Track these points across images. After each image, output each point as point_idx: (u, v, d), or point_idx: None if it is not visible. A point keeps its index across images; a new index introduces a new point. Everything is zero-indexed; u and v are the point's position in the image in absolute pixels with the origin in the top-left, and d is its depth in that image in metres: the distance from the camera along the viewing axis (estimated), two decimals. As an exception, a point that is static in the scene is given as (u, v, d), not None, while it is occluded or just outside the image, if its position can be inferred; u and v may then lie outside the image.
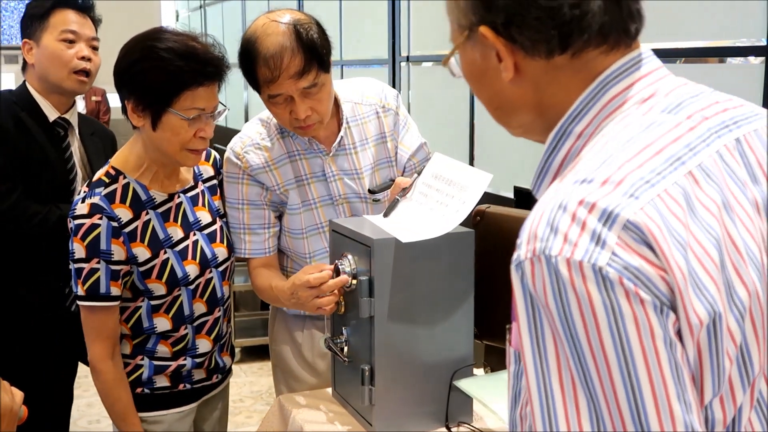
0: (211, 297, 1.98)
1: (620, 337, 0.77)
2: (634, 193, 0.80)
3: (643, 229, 0.78)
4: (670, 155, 0.85)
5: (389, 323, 1.67)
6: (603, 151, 0.87)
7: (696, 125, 0.90)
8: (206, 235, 1.98)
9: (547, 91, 0.95)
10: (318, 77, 1.85)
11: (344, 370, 1.82)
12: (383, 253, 1.64)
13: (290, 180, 2.03)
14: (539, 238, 0.81)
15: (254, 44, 1.84)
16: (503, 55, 0.93)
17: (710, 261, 0.81)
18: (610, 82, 0.93)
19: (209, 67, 1.80)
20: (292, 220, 2.05)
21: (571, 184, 0.83)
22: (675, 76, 0.97)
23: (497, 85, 0.97)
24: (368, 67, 4.11)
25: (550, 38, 0.90)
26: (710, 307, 0.79)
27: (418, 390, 1.72)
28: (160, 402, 1.98)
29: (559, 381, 0.80)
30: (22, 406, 1.44)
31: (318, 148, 2.02)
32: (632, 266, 0.77)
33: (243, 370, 4.73)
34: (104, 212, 1.82)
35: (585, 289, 0.77)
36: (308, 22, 1.87)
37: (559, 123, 0.95)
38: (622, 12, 0.92)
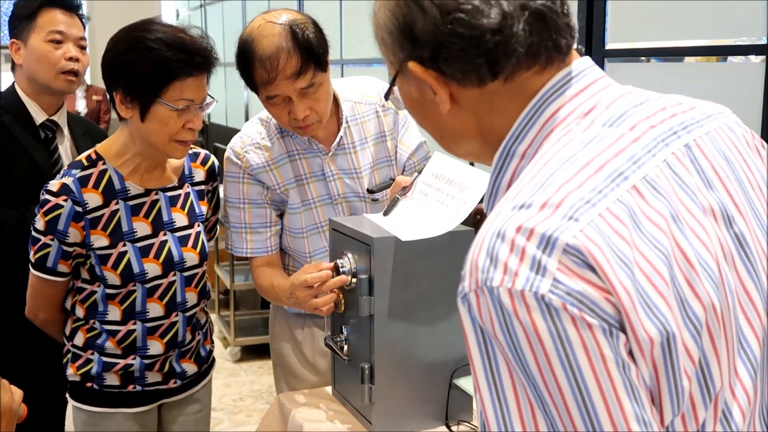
0: (170, 300, 1.96)
1: (570, 364, 0.75)
2: (573, 215, 0.77)
3: (583, 252, 0.75)
4: (611, 171, 0.82)
5: (389, 322, 1.67)
6: (542, 172, 0.84)
7: (640, 135, 0.87)
8: (178, 237, 1.96)
9: (486, 117, 0.94)
10: (315, 77, 1.85)
11: (344, 369, 1.82)
12: (383, 252, 1.64)
13: (290, 179, 2.02)
14: (480, 269, 0.79)
15: (250, 46, 1.84)
16: (436, 88, 0.93)
17: (659, 278, 0.78)
18: (547, 100, 0.91)
19: (197, 57, 1.80)
20: (293, 219, 2.05)
21: (509, 210, 0.81)
22: (619, 85, 0.95)
23: (437, 116, 0.97)
24: (369, 66, 4.10)
25: (478, 67, 0.89)
26: (661, 326, 0.77)
27: (418, 388, 1.72)
28: (109, 399, 1.98)
29: (517, 407, 0.78)
30: (21, 404, 1.44)
31: (317, 148, 2.02)
32: (575, 291, 0.75)
33: (243, 369, 4.73)
34: (71, 195, 1.84)
35: (529, 319, 0.75)
36: (304, 21, 1.87)
37: (502, 144, 0.94)
38: (550, 29, 0.90)
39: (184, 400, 2.11)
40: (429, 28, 0.90)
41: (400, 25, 0.93)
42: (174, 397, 2.07)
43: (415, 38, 0.91)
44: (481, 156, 1.01)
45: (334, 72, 3.72)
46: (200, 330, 2.09)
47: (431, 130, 1.02)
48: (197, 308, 2.04)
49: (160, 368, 2.00)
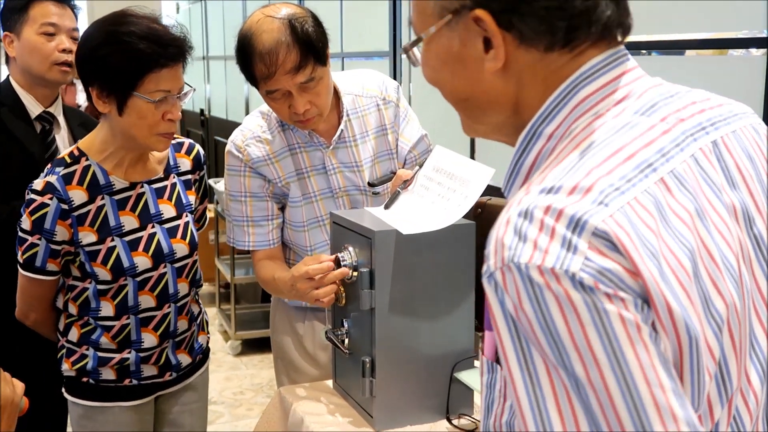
0: (162, 292, 1.96)
1: (608, 335, 0.73)
2: (604, 200, 0.76)
3: (612, 237, 0.74)
4: (641, 161, 0.80)
5: (390, 315, 1.67)
6: (571, 156, 0.82)
7: (670, 128, 0.85)
8: (166, 229, 1.96)
9: (528, 87, 0.89)
10: (315, 71, 1.85)
11: (345, 362, 1.82)
12: (384, 245, 1.64)
13: (291, 173, 2.02)
14: (507, 247, 0.76)
15: (250, 40, 1.84)
16: (497, 43, 0.86)
17: (683, 272, 0.77)
18: (585, 80, 0.87)
19: (171, 48, 1.79)
20: (294, 212, 2.05)
21: (536, 193, 0.78)
22: (649, 76, 0.93)
23: (474, 75, 0.90)
24: (369, 59, 4.10)
25: (556, 30, 0.84)
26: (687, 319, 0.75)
27: (419, 382, 1.72)
28: (105, 393, 1.98)
29: (552, 392, 0.76)
30: (23, 397, 1.44)
31: (318, 141, 2.02)
32: (606, 269, 0.73)
33: (244, 363, 4.74)
34: (56, 193, 1.84)
35: (563, 290, 0.73)
36: (303, 16, 1.87)
37: (529, 123, 0.89)
38: (620, 6, 0.88)
39: (180, 391, 2.11)
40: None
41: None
42: (169, 389, 2.08)
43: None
44: (500, 130, 0.96)
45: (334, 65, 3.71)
46: (195, 321, 2.09)
47: (459, 89, 0.94)
48: (188, 298, 2.04)
49: (155, 361, 2.00)
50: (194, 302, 2.11)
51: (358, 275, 1.69)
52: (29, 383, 1.57)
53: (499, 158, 2.94)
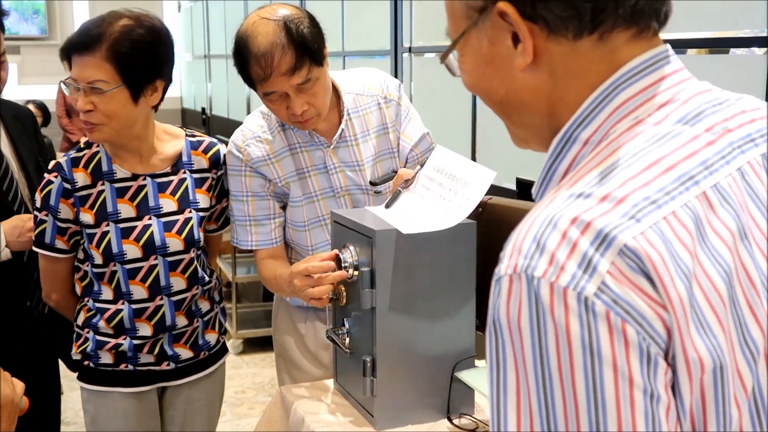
0: (154, 283, 1.98)
1: (594, 379, 0.68)
2: (636, 214, 0.71)
3: (641, 257, 0.69)
4: (681, 173, 0.75)
5: (391, 314, 1.67)
6: (606, 162, 0.77)
7: (716, 139, 0.80)
8: (163, 222, 1.99)
9: (561, 82, 0.84)
10: (311, 72, 1.85)
11: (346, 362, 1.82)
12: (385, 245, 1.64)
13: (291, 173, 2.02)
14: (523, 254, 0.72)
15: (245, 43, 1.85)
16: (524, 36, 0.81)
17: (717, 297, 0.72)
18: (626, 82, 0.82)
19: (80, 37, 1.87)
20: (294, 212, 2.05)
21: (566, 198, 0.74)
22: (696, 80, 0.87)
23: (506, 75, 0.86)
24: (370, 58, 4.09)
25: (583, 13, 0.79)
26: (714, 351, 0.71)
27: (419, 381, 1.72)
28: (105, 378, 2.04)
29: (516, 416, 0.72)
30: (23, 397, 1.44)
31: (319, 141, 2.02)
32: (622, 299, 0.68)
33: (245, 362, 4.74)
34: (61, 172, 1.95)
35: (564, 321, 0.69)
36: (299, 17, 1.86)
37: (565, 127, 0.84)
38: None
39: (186, 387, 2.12)
40: None
41: None
42: (173, 382, 2.09)
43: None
44: (537, 134, 0.90)
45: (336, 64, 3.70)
46: (199, 317, 2.09)
47: (493, 91, 0.90)
48: (188, 294, 2.04)
49: (150, 350, 2.02)
50: (204, 300, 2.11)
51: (358, 274, 1.68)
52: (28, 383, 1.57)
53: (499, 155, 2.95)
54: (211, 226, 2.14)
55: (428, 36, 3.53)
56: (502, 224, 1.86)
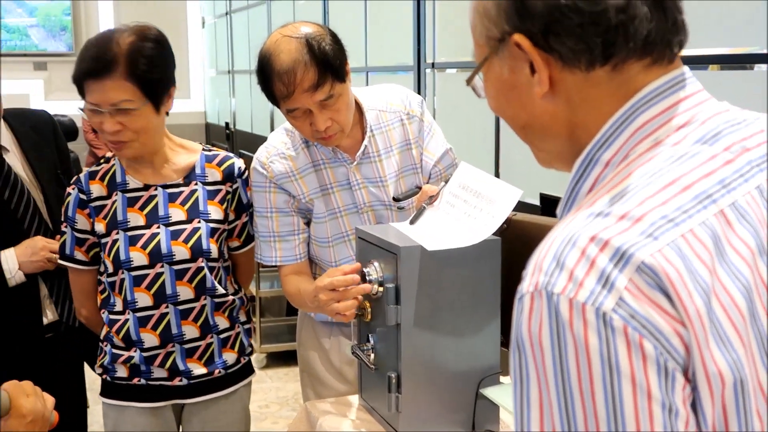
0: (159, 292, 2.00)
1: (613, 393, 0.70)
2: (654, 232, 0.73)
3: (659, 273, 0.71)
4: (699, 192, 0.77)
5: (416, 331, 1.67)
6: (625, 183, 0.79)
7: (734, 158, 0.82)
8: (171, 231, 2.01)
9: (580, 109, 0.87)
10: (334, 88, 1.86)
11: (371, 378, 1.83)
12: (410, 261, 1.64)
13: (315, 189, 2.04)
14: (543, 272, 0.75)
15: (268, 60, 1.87)
16: (539, 66, 0.85)
17: (737, 311, 0.74)
18: (644, 105, 0.85)
19: (97, 62, 1.86)
20: (318, 228, 2.06)
21: (585, 217, 0.76)
22: (716, 101, 0.89)
23: (527, 101, 0.89)
24: (393, 73, 4.12)
25: (593, 47, 0.83)
26: (734, 365, 0.73)
27: (444, 397, 1.72)
28: (120, 392, 2.07)
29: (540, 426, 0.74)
30: (53, 411, 1.46)
31: (342, 157, 2.03)
32: (640, 315, 0.70)
33: (269, 376, 4.75)
34: (78, 185, 2.03)
35: (583, 335, 0.71)
36: (321, 34, 1.88)
37: (586, 149, 0.87)
38: (668, 21, 0.84)
39: (202, 406, 2.10)
40: (544, 0, 0.83)
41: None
42: (189, 399, 2.09)
43: (526, 10, 0.84)
44: (561, 156, 0.93)
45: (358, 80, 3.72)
46: (215, 334, 2.08)
47: (515, 116, 0.94)
48: (196, 304, 2.03)
49: (162, 363, 2.03)
50: (221, 315, 2.09)
51: (383, 291, 1.69)
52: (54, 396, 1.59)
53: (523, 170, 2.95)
54: (233, 243, 2.14)
55: (451, 52, 3.55)
56: (527, 240, 1.86)
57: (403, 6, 3.85)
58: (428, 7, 3.65)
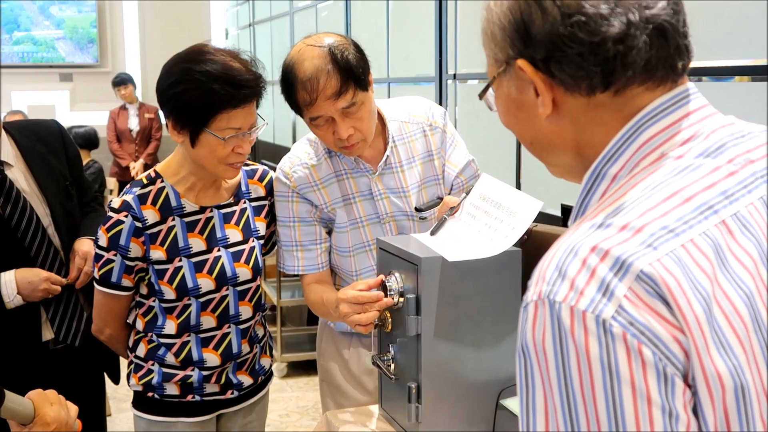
0: (223, 313, 2.01)
1: (614, 398, 0.73)
2: (653, 242, 0.75)
3: (657, 282, 0.73)
4: (700, 203, 0.80)
5: (436, 341, 1.67)
6: (627, 195, 0.82)
7: (738, 170, 0.84)
8: (231, 253, 2.01)
9: (586, 129, 0.90)
10: (356, 96, 1.88)
11: (391, 388, 1.83)
12: (430, 272, 1.65)
13: (337, 199, 2.05)
14: (546, 281, 0.78)
15: (292, 69, 1.90)
16: (541, 90, 0.89)
17: (738, 319, 0.75)
18: (648, 122, 0.87)
19: (244, 89, 1.85)
20: (340, 238, 2.08)
21: (588, 228, 0.79)
22: (721, 115, 0.91)
23: (533, 120, 0.93)
24: (415, 84, 4.13)
25: (593, 75, 0.86)
26: (734, 371, 0.74)
27: (464, 408, 1.72)
28: (169, 409, 2.05)
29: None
30: (77, 419, 1.48)
31: (364, 167, 2.04)
32: (638, 322, 0.73)
33: (289, 385, 4.76)
34: (131, 211, 1.93)
35: (584, 342, 0.73)
36: (344, 43, 1.91)
37: (594, 163, 0.90)
38: (670, 47, 0.87)
39: (241, 412, 2.16)
40: (547, 29, 0.87)
41: (515, 21, 0.90)
42: (231, 408, 2.12)
43: (529, 37, 0.88)
44: (570, 170, 0.97)
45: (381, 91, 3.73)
46: (258, 344, 2.13)
47: (523, 134, 0.98)
48: (252, 321, 2.08)
49: (217, 380, 2.05)
50: (260, 325, 2.15)
51: (404, 301, 1.70)
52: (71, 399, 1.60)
53: (544, 181, 2.94)
54: None
55: (473, 63, 3.55)
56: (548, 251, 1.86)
57: (425, 17, 3.86)
58: (450, 18, 3.66)
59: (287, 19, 6.41)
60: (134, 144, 7.79)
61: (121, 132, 7.79)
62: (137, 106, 7.88)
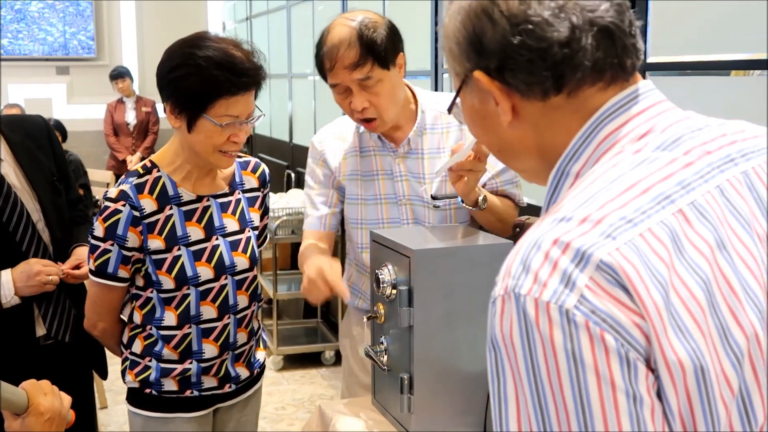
0: (223, 303, 2.02)
1: (579, 384, 0.75)
2: (612, 233, 0.78)
3: (617, 270, 0.76)
4: (658, 194, 0.82)
5: (428, 333, 1.69)
6: (587, 190, 0.84)
7: (694, 161, 0.87)
8: (229, 242, 2.03)
9: (546, 132, 0.94)
10: (373, 71, 1.95)
11: (384, 379, 1.84)
12: (423, 264, 1.66)
13: (353, 172, 2.16)
14: (512, 276, 0.80)
15: (322, 38, 2.00)
16: (499, 98, 0.93)
17: (695, 303, 0.78)
18: (604, 120, 0.91)
19: (244, 77, 1.85)
20: (350, 209, 2.19)
21: (550, 222, 0.82)
22: (679, 109, 0.94)
23: (497, 128, 0.97)
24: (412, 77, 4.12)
25: (544, 80, 0.90)
26: (692, 352, 0.76)
27: (456, 399, 1.73)
28: (167, 405, 2.04)
29: (517, 424, 0.79)
30: (70, 410, 1.48)
31: (389, 147, 2.12)
32: (600, 310, 0.75)
33: (285, 378, 4.77)
34: (129, 200, 1.91)
35: (549, 332, 0.76)
36: (376, 22, 1.98)
37: (558, 163, 0.94)
38: (616, 47, 0.90)
39: (237, 406, 2.16)
40: (497, 39, 0.91)
41: (469, 35, 0.94)
42: (228, 402, 2.13)
43: (483, 49, 0.92)
44: (538, 173, 1.01)
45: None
46: (254, 336, 2.15)
47: (490, 142, 1.02)
48: (248, 311, 2.09)
49: (215, 372, 2.05)
50: (255, 318, 2.17)
51: (397, 293, 1.71)
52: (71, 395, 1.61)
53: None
54: None
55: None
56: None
57: (420, 11, 3.87)
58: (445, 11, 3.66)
59: (284, 13, 6.41)
60: (131, 137, 7.79)
61: (118, 125, 7.80)
62: (134, 99, 7.88)
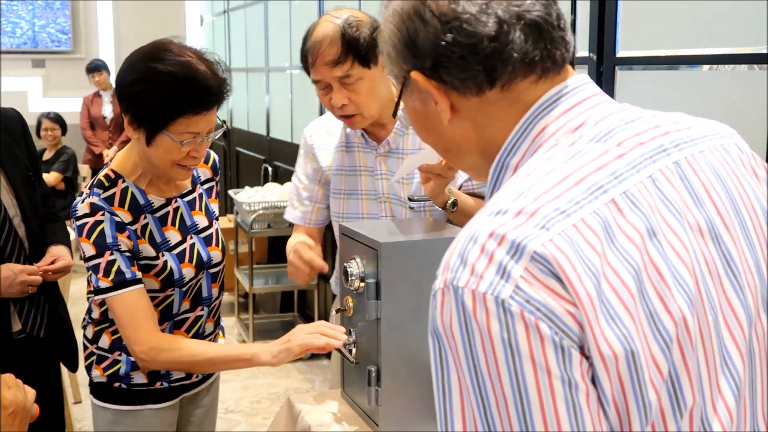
0: (197, 296, 2.02)
1: (516, 373, 0.77)
2: (546, 224, 0.79)
3: (550, 261, 0.77)
4: (591, 184, 0.84)
5: (396, 325, 1.69)
6: (523, 183, 0.86)
7: (627, 152, 0.89)
8: (203, 238, 2.03)
9: (485, 127, 0.96)
10: (353, 69, 1.97)
11: (353, 372, 1.85)
12: (390, 257, 1.66)
13: (338, 167, 2.21)
14: (450, 269, 0.82)
15: (308, 34, 2.04)
16: (437, 97, 0.96)
17: (626, 291, 0.80)
18: (540, 114, 0.94)
19: (208, 95, 1.80)
20: (334, 203, 2.25)
21: (486, 216, 0.83)
22: (614, 102, 0.97)
23: (440, 128, 0.99)
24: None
25: (476, 74, 0.92)
26: (624, 339, 0.78)
27: (424, 391, 1.74)
28: (137, 397, 2.02)
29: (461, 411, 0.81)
30: (34, 404, 1.48)
31: (371, 145, 2.16)
32: (535, 299, 0.77)
33: (261, 372, 4.77)
34: (106, 209, 1.84)
35: (486, 322, 0.78)
36: (360, 21, 2.00)
37: (497, 157, 0.96)
38: (545, 40, 0.93)
39: (201, 393, 2.18)
40: (430, 39, 0.93)
41: (403, 38, 0.97)
42: (192, 390, 2.14)
43: (417, 49, 0.95)
44: (480, 171, 1.02)
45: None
46: (219, 324, 2.17)
47: (435, 142, 1.04)
48: (217, 301, 2.11)
49: None
50: None
51: (364, 286, 1.71)
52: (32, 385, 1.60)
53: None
54: None
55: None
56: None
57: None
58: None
59: (261, 6, 6.38)
60: (108, 131, 7.73)
61: (94, 119, 7.74)
62: (111, 92, 7.81)
